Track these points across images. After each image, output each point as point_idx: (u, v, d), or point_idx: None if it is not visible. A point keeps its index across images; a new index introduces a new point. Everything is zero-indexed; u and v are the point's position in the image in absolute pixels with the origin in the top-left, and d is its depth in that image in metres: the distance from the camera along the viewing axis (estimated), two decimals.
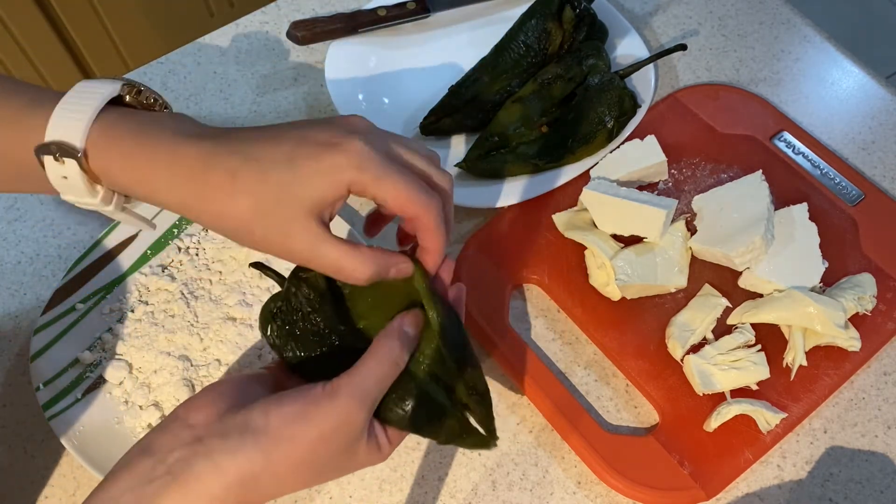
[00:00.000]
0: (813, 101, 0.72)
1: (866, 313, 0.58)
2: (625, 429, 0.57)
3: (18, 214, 0.66)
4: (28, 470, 0.55)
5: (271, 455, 0.38)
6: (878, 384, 0.59)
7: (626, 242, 0.61)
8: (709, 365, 0.56)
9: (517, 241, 0.63)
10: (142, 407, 0.55)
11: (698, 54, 0.75)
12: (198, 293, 0.60)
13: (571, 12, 0.68)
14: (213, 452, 0.37)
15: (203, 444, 0.38)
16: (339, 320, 0.45)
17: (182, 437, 0.38)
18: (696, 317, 0.58)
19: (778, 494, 0.55)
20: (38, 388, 0.54)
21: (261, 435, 0.38)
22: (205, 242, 0.62)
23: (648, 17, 0.77)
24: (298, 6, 0.78)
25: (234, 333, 0.58)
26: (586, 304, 0.60)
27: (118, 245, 0.61)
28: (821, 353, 0.57)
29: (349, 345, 0.44)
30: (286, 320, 0.45)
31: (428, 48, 0.74)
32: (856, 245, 0.62)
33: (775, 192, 0.62)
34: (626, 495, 0.53)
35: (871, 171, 0.68)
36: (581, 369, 0.59)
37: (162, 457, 0.38)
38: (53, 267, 0.63)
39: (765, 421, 0.54)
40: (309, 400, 0.39)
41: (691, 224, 0.63)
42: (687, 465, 0.54)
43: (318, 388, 0.40)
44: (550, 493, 0.55)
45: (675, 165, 0.66)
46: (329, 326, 0.45)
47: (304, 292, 0.45)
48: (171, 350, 0.57)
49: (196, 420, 0.39)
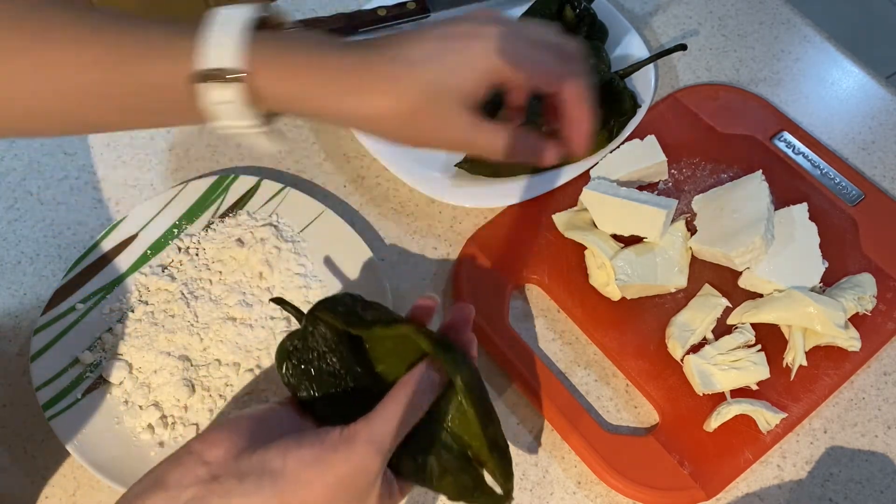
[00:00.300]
0: (813, 101, 0.72)
1: (866, 313, 0.58)
2: (625, 429, 0.57)
3: (18, 214, 0.66)
4: (28, 470, 0.55)
5: (287, 499, 0.37)
6: (878, 384, 0.59)
7: (626, 242, 0.61)
8: (709, 365, 0.56)
9: (517, 241, 0.63)
10: (142, 407, 0.55)
11: (698, 54, 0.75)
12: (198, 293, 0.60)
13: (571, 12, 0.68)
14: (229, 493, 0.37)
15: (220, 484, 0.37)
16: (356, 362, 0.44)
17: (198, 473, 0.38)
18: (696, 317, 0.58)
19: (778, 494, 0.55)
20: (38, 388, 0.54)
21: (278, 478, 0.38)
22: (205, 242, 0.62)
23: (648, 17, 0.77)
24: (298, 6, 0.78)
25: (234, 333, 0.58)
26: (586, 304, 0.60)
27: (118, 245, 0.61)
28: (821, 353, 0.57)
29: (364, 387, 0.44)
30: (302, 359, 0.44)
31: None
32: (856, 245, 0.62)
33: (775, 192, 0.62)
34: (626, 495, 0.53)
35: (871, 171, 0.68)
36: (581, 369, 0.59)
37: (176, 493, 0.37)
38: (53, 267, 0.63)
39: (765, 421, 0.54)
40: (326, 445, 0.39)
41: (691, 224, 0.63)
42: (687, 465, 0.54)
43: (336, 432, 0.39)
44: (550, 493, 0.55)
45: (675, 165, 0.66)
46: (345, 367, 0.44)
47: (322, 332, 0.44)
48: (171, 350, 0.57)
49: (212, 456, 0.38)
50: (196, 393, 0.56)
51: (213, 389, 0.56)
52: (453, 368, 0.42)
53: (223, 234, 0.62)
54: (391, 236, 0.65)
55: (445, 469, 0.43)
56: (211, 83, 0.41)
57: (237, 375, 0.57)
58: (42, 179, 0.68)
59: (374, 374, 0.45)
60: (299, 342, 0.45)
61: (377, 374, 0.45)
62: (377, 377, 0.45)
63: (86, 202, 0.67)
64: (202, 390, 0.56)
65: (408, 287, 0.62)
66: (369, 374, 0.45)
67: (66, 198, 0.67)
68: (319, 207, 0.63)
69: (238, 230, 0.62)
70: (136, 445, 0.54)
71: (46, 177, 0.68)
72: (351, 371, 0.44)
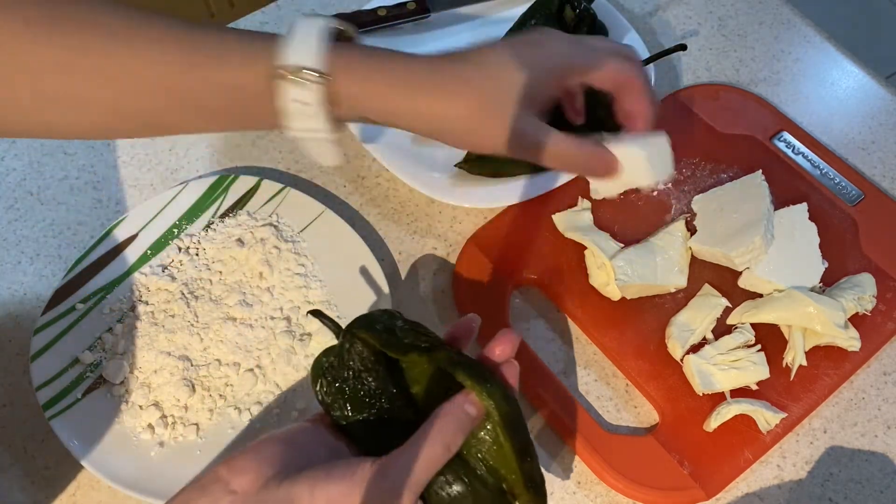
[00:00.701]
0: (813, 101, 0.72)
1: (866, 313, 0.58)
2: (625, 429, 0.57)
3: (18, 214, 0.66)
4: (28, 470, 0.55)
5: None
6: (878, 384, 0.59)
7: (626, 242, 0.61)
8: (709, 365, 0.56)
9: (517, 242, 0.63)
10: (142, 407, 0.55)
11: (698, 54, 0.75)
12: (198, 293, 0.60)
13: (571, 12, 0.68)
14: None
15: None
16: (392, 382, 0.43)
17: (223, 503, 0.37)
18: (696, 317, 0.58)
19: (778, 494, 0.55)
20: (38, 388, 0.54)
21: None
22: (205, 242, 0.62)
23: (648, 17, 0.77)
24: (298, 6, 0.78)
25: (234, 333, 0.58)
26: (586, 304, 0.60)
27: (118, 245, 0.61)
28: (821, 353, 0.57)
29: (399, 409, 0.43)
30: (336, 377, 0.43)
31: (428, 48, 0.73)
32: (856, 245, 0.62)
33: (775, 192, 0.62)
34: (626, 495, 0.53)
35: (871, 171, 0.68)
36: (581, 369, 0.59)
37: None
38: (53, 267, 0.63)
39: (765, 421, 0.55)
40: (357, 480, 0.38)
41: (691, 224, 0.63)
42: (687, 465, 0.54)
43: (367, 465, 0.38)
44: (550, 493, 0.54)
45: (676, 165, 0.66)
46: (381, 388, 0.43)
47: (358, 349, 0.43)
48: (171, 350, 0.57)
49: (238, 485, 0.37)
50: (196, 393, 0.56)
51: (213, 389, 0.56)
52: (491, 401, 0.41)
53: (223, 234, 0.62)
54: (391, 236, 0.65)
55: (477, 501, 0.41)
56: (291, 82, 0.42)
57: (237, 375, 0.57)
58: (42, 179, 0.68)
59: (410, 395, 0.44)
60: (335, 359, 0.43)
61: (412, 395, 0.44)
62: (412, 399, 0.44)
63: (86, 202, 0.67)
64: (202, 390, 0.56)
65: (408, 287, 0.63)
66: (404, 396, 0.44)
67: (66, 198, 0.67)
68: (319, 207, 0.63)
69: (238, 230, 0.63)
70: (136, 445, 0.54)
71: (46, 177, 0.68)
72: (386, 392, 0.43)
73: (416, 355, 0.42)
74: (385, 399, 0.43)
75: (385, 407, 0.43)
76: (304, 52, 0.42)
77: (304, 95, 0.42)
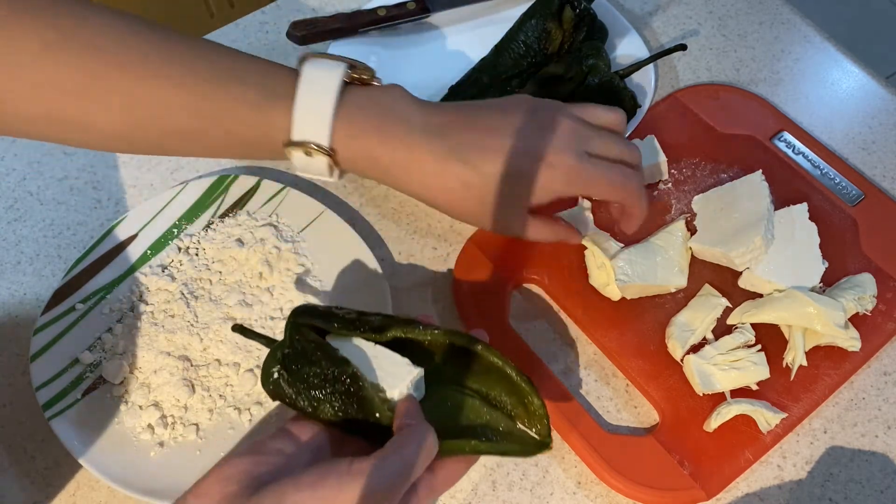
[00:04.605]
0: (813, 101, 0.72)
1: (866, 313, 0.58)
2: (625, 429, 0.57)
3: (18, 214, 0.66)
4: (28, 470, 0.55)
5: None
6: (878, 384, 0.59)
7: (626, 242, 0.61)
8: (709, 365, 0.56)
9: (517, 241, 0.63)
10: (142, 407, 0.55)
11: (698, 54, 0.75)
12: (198, 293, 0.60)
13: (571, 12, 0.68)
14: None
15: None
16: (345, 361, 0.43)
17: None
18: (696, 317, 0.58)
19: (778, 494, 0.55)
20: (38, 388, 0.54)
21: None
22: (205, 242, 0.62)
23: (648, 17, 0.77)
24: (298, 6, 0.78)
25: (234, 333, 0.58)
26: (586, 304, 0.60)
27: (118, 245, 0.61)
28: (821, 353, 0.57)
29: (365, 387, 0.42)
30: (295, 365, 0.43)
31: (428, 48, 0.74)
32: (856, 245, 0.62)
33: (775, 192, 0.62)
34: (626, 495, 0.53)
35: (871, 171, 0.68)
36: (581, 369, 0.59)
37: None
38: (53, 267, 0.63)
39: (765, 421, 0.54)
40: (329, 483, 0.37)
41: (691, 224, 0.63)
42: (687, 465, 0.54)
43: (343, 465, 0.38)
44: (550, 493, 0.55)
45: (675, 165, 0.66)
46: (341, 367, 0.42)
47: (308, 335, 0.44)
48: (171, 350, 0.57)
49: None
50: (196, 393, 0.56)
51: (213, 389, 0.56)
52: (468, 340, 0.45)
53: (223, 234, 0.62)
54: (391, 236, 0.65)
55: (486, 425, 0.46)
56: (299, 148, 0.48)
57: (237, 375, 0.57)
58: (42, 179, 0.68)
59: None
60: (289, 350, 0.43)
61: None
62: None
63: (86, 202, 0.67)
64: (202, 390, 0.56)
65: (407, 287, 0.62)
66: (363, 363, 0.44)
67: (66, 198, 0.67)
68: (319, 207, 0.63)
69: (238, 230, 0.62)
70: (136, 445, 0.54)
71: (46, 177, 0.68)
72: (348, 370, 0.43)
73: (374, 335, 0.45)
74: (347, 377, 0.42)
75: (347, 383, 0.42)
76: (312, 128, 0.47)
77: (310, 162, 0.48)
